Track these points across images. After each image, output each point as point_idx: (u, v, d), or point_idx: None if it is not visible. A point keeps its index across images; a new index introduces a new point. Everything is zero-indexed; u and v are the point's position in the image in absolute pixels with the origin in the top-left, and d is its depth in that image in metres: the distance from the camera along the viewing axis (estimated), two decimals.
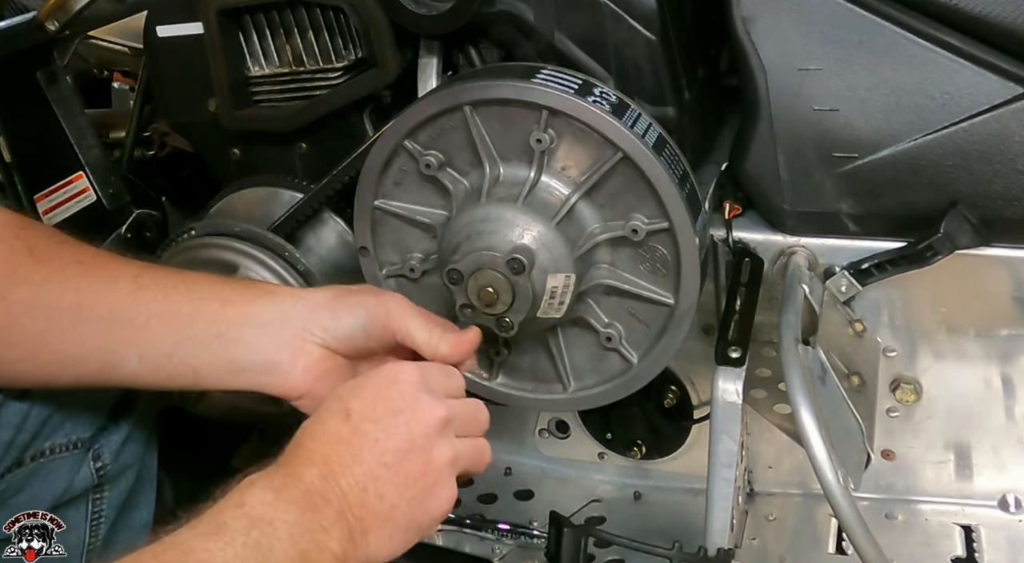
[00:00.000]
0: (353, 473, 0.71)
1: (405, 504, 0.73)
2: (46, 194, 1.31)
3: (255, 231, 1.22)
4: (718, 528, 1.03)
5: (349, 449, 0.72)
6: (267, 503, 0.67)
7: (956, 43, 1.01)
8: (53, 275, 0.86)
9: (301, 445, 0.72)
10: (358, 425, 0.73)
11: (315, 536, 0.67)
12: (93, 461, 1.06)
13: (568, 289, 1.03)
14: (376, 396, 0.75)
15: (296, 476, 0.69)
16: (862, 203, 1.09)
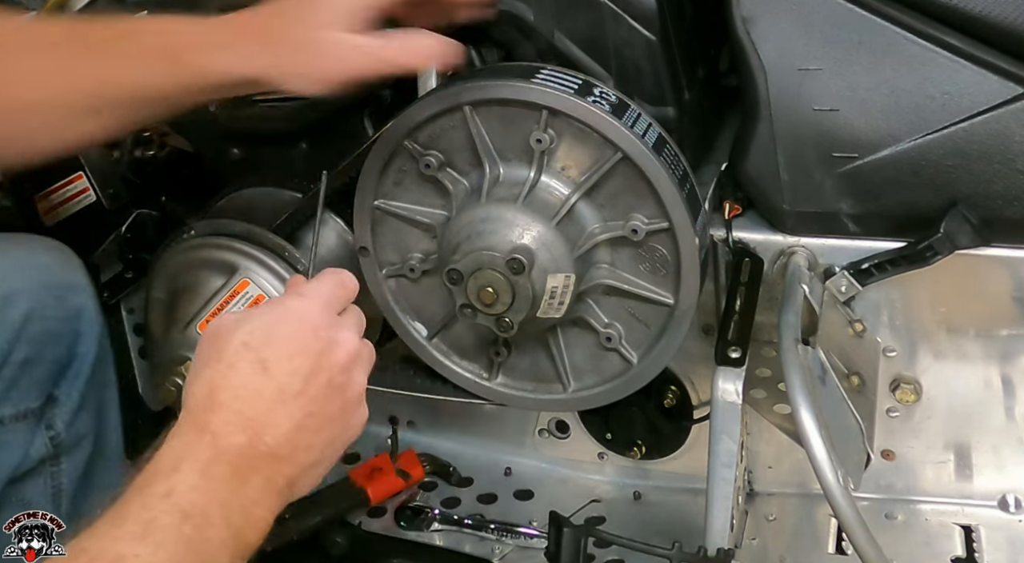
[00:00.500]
0: (280, 430, 0.69)
1: (328, 445, 0.72)
2: (46, 194, 1.31)
3: (255, 231, 1.22)
4: (718, 528, 1.03)
5: (273, 406, 0.69)
6: (196, 488, 0.64)
7: (956, 43, 1.01)
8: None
9: (222, 404, 0.68)
10: (278, 378, 0.70)
11: (247, 511, 0.66)
12: (46, 430, 1.07)
13: (568, 289, 1.03)
14: (291, 343, 0.71)
15: (223, 447, 0.66)
16: (862, 203, 1.09)
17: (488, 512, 1.36)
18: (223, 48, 0.89)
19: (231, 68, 0.89)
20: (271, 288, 1.19)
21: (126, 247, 1.40)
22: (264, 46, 0.89)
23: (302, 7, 0.89)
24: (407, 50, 0.90)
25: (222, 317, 0.75)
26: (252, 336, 0.71)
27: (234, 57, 0.88)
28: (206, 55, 0.88)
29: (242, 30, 0.89)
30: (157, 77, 0.89)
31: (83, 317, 1.11)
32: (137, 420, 1.45)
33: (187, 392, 0.71)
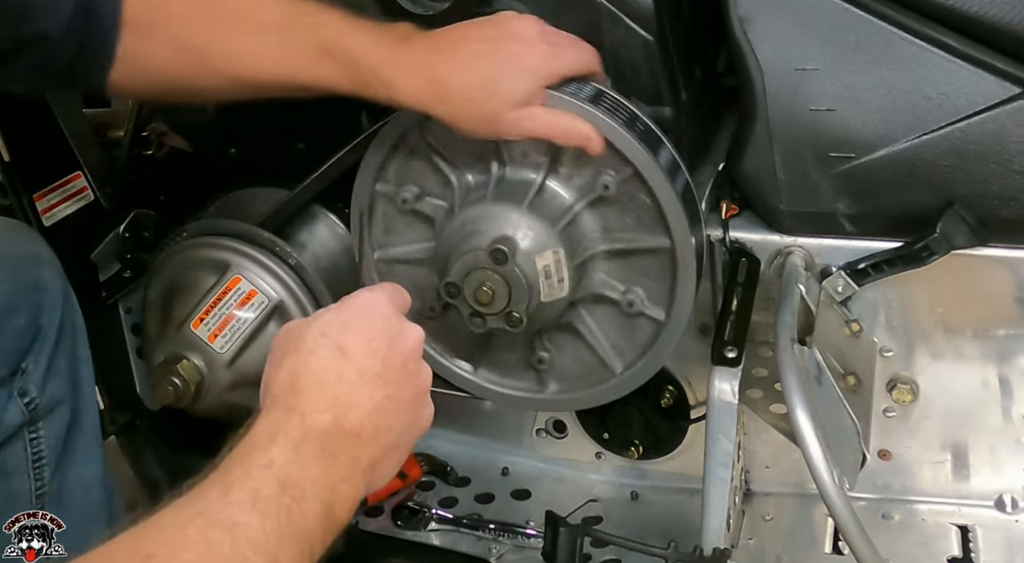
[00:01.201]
0: (363, 409, 0.71)
1: (405, 429, 0.74)
2: (45, 193, 1.31)
3: (244, 228, 1.22)
4: (714, 528, 1.03)
5: (355, 386, 0.72)
6: (292, 461, 0.66)
7: (953, 43, 1.01)
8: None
9: (306, 387, 0.71)
10: (358, 361, 0.72)
11: (336, 488, 0.67)
12: (20, 398, 1.09)
13: (561, 263, 1.03)
14: (366, 329, 0.74)
15: (311, 425, 0.68)
16: (859, 203, 1.09)
17: (485, 512, 1.36)
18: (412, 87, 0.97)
19: (412, 106, 0.99)
20: (263, 283, 1.20)
21: (124, 246, 1.40)
22: (452, 100, 0.98)
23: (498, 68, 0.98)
24: (565, 132, 1.00)
25: (293, 320, 0.78)
26: (329, 326, 0.74)
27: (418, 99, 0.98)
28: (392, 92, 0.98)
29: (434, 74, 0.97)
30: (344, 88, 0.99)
31: (45, 289, 1.12)
32: (136, 420, 1.45)
33: (268, 382, 0.73)
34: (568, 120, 1.00)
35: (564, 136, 1.00)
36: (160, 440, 1.48)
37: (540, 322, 1.08)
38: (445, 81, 0.97)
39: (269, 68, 1.00)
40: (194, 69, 1.00)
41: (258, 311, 1.19)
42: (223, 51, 0.99)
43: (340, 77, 0.98)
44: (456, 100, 0.98)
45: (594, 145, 1.00)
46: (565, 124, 1.00)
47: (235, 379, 1.19)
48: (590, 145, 1.00)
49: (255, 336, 1.19)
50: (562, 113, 1.00)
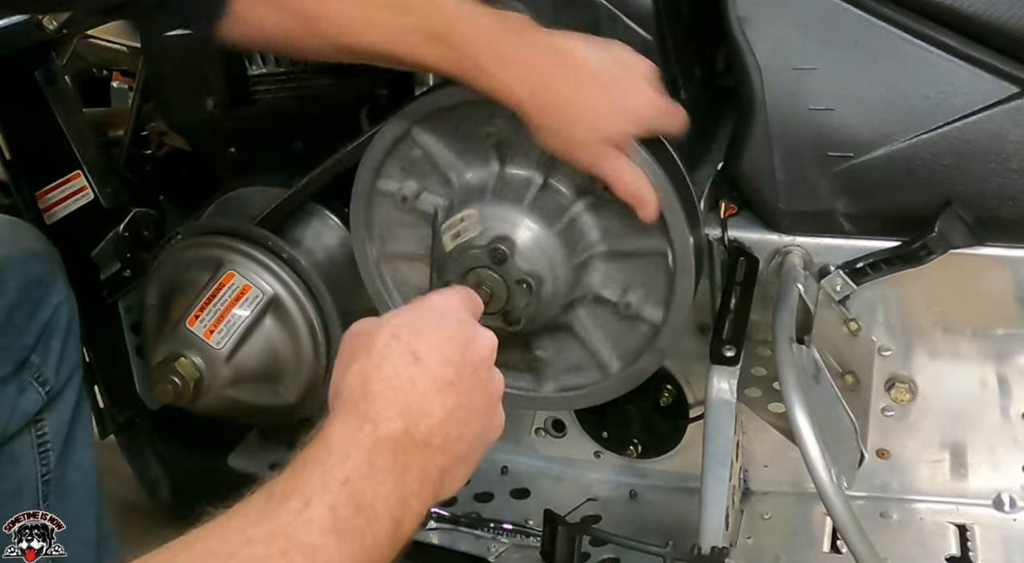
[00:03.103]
0: (434, 419, 0.69)
1: (476, 439, 0.73)
2: (44, 192, 1.31)
3: (236, 225, 1.23)
4: (712, 527, 1.03)
5: (427, 394, 0.70)
6: (366, 478, 0.65)
7: (951, 43, 1.01)
8: None
9: (378, 394, 0.69)
10: (431, 368, 0.70)
11: (406, 502, 0.66)
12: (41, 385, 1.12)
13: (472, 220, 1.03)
14: (438, 335, 0.72)
15: (383, 434, 0.67)
16: (857, 202, 1.09)
17: (484, 511, 1.36)
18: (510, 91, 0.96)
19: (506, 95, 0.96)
20: (256, 277, 1.20)
21: (124, 246, 1.41)
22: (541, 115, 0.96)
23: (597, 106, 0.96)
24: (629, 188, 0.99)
25: (363, 320, 0.76)
26: (400, 329, 0.72)
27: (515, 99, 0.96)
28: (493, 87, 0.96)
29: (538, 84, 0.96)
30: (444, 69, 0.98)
31: (50, 284, 1.14)
32: (135, 418, 1.45)
33: (338, 386, 0.71)
34: (640, 180, 0.99)
35: (627, 192, 0.99)
36: (160, 439, 1.48)
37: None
38: (550, 91, 0.96)
39: (375, 42, 0.98)
40: (301, 33, 0.99)
41: (253, 306, 1.19)
42: (332, 19, 0.98)
43: (445, 63, 0.97)
44: (551, 111, 0.96)
45: (649, 212, 0.99)
46: (635, 182, 0.98)
47: (234, 375, 1.20)
48: (646, 211, 0.99)
49: (251, 331, 1.19)
50: (637, 169, 0.98)
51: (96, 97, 1.65)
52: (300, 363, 1.23)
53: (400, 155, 1.11)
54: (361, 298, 1.22)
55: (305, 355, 1.23)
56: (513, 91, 0.96)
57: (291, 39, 1.00)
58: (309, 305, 1.21)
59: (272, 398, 1.25)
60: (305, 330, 1.21)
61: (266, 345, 1.21)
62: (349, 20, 0.98)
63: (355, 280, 1.19)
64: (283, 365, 1.22)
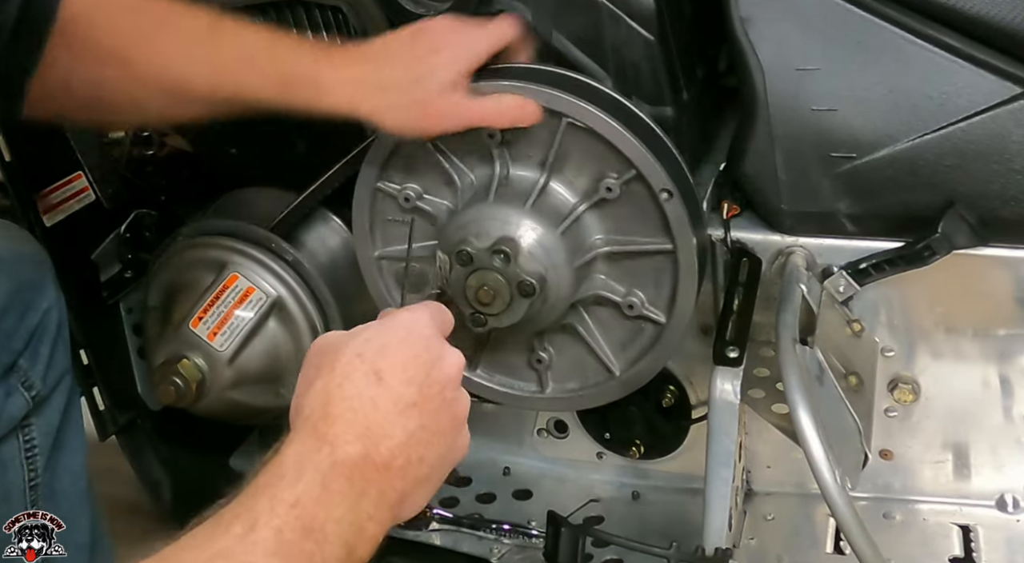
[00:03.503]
0: (395, 441, 0.68)
1: (438, 461, 0.72)
2: (45, 193, 1.31)
3: (241, 226, 1.23)
4: (716, 528, 1.03)
5: (388, 416, 0.68)
6: (318, 501, 0.64)
7: (954, 43, 1.01)
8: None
9: (338, 415, 0.68)
10: (394, 388, 0.69)
11: (360, 526, 0.66)
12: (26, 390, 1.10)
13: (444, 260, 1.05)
14: (403, 354, 0.71)
15: (340, 457, 0.66)
16: (860, 203, 1.09)
17: (487, 512, 1.36)
18: (338, 87, 0.99)
19: (339, 108, 1.00)
20: (260, 280, 1.20)
21: (125, 247, 1.40)
22: (376, 94, 0.99)
23: (417, 64, 0.99)
24: (497, 111, 1.01)
25: (329, 334, 0.75)
26: (366, 347, 0.71)
27: (344, 98, 0.99)
28: (322, 91, 0.99)
29: (358, 74, 1.00)
30: (271, 95, 1.00)
31: (40, 287, 1.13)
32: (137, 419, 1.45)
33: (299, 404, 0.71)
34: (493, 100, 1.00)
35: (495, 115, 1.01)
36: (161, 440, 1.48)
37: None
38: (367, 76, 0.99)
39: (199, 77, 0.99)
40: (124, 81, 0.99)
41: (256, 308, 1.19)
42: (152, 60, 0.98)
43: (268, 84, 0.99)
44: (379, 94, 0.99)
45: (529, 113, 1.01)
46: (492, 103, 1.00)
47: (236, 377, 1.20)
48: (526, 115, 1.01)
49: (254, 333, 1.19)
50: (490, 96, 1.01)
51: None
52: None
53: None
54: (363, 300, 1.22)
55: None
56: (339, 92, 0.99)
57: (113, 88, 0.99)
58: (312, 307, 1.21)
59: (274, 400, 1.24)
60: (308, 332, 1.21)
61: (269, 347, 1.21)
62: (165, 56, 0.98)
63: (358, 282, 1.19)
64: (285, 367, 1.22)
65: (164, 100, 1.01)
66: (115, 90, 0.99)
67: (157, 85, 0.99)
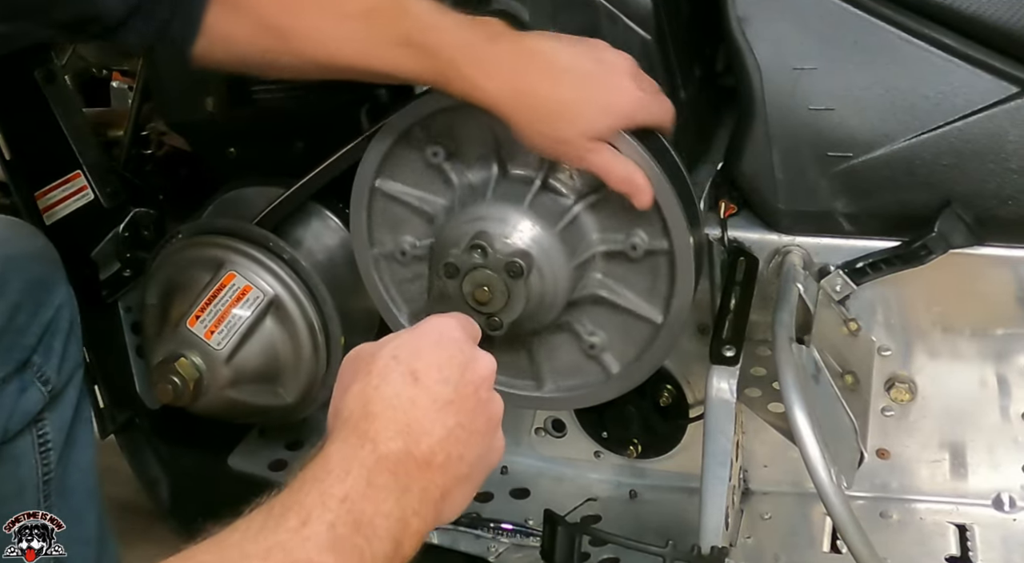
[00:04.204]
0: (435, 438, 0.69)
1: (477, 460, 0.72)
2: (44, 192, 1.31)
3: (238, 225, 1.23)
4: (712, 526, 1.03)
5: (427, 413, 0.69)
6: (366, 497, 0.65)
7: (950, 43, 1.01)
8: None
9: (378, 414, 0.68)
10: (430, 387, 0.70)
11: (407, 523, 0.66)
12: (43, 384, 1.12)
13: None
14: (437, 355, 0.72)
15: (383, 453, 0.67)
16: (857, 202, 1.09)
17: (484, 510, 1.36)
18: (495, 92, 0.97)
19: (493, 108, 0.98)
20: (257, 278, 1.20)
21: (124, 245, 1.41)
22: (532, 114, 0.97)
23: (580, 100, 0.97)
24: (621, 178, 0.99)
25: (362, 345, 0.76)
26: (400, 350, 0.72)
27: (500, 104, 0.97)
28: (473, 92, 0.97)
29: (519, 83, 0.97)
30: (427, 80, 1.00)
31: (52, 284, 1.14)
32: (135, 418, 1.45)
33: (337, 407, 0.71)
34: (629, 168, 0.99)
35: (619, 182, 0.99)
36: (159, 439, 1.48)
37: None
38: (529, 91, 0.96)
39: (350, 54, 0.99)
40: (276, 48, 1.00)
41: (253, 306, 1.19)
42: (305, 34, 0.99)
43: (421, 69, 0.98)
44: (532, 112, 0.97)
45: (644, 199, 1.00)
46: (625, 173, 0.99)
47: (234, 375, 1.20)
48: (640, 198, 1.00)
49: (252, 331, 1.19)
50: (627, 161, 0.99)
51: (96, 97, 1.65)
52: (300, 364, 1.23)
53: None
54: (361, 299, 1.22)
55: (305, 356, 1.23)
56: (492, 94, 0.96)
57: (266, 57, 1.00)
58: (309, 306, 1.21)
59: (272, 398, 1.25)
60: (305, 331, 1.22)
61: (266, 346, 1.21)
62: (322, 33, 0.99)
63: (355, 281, 1.19)
64: (283, 366, 1.22)
65: (315, 70, 1.02)
66: (270, 58, 1.01)
67: (309, 59, 1.00)
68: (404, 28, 0.97)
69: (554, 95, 0.96)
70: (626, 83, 0.98)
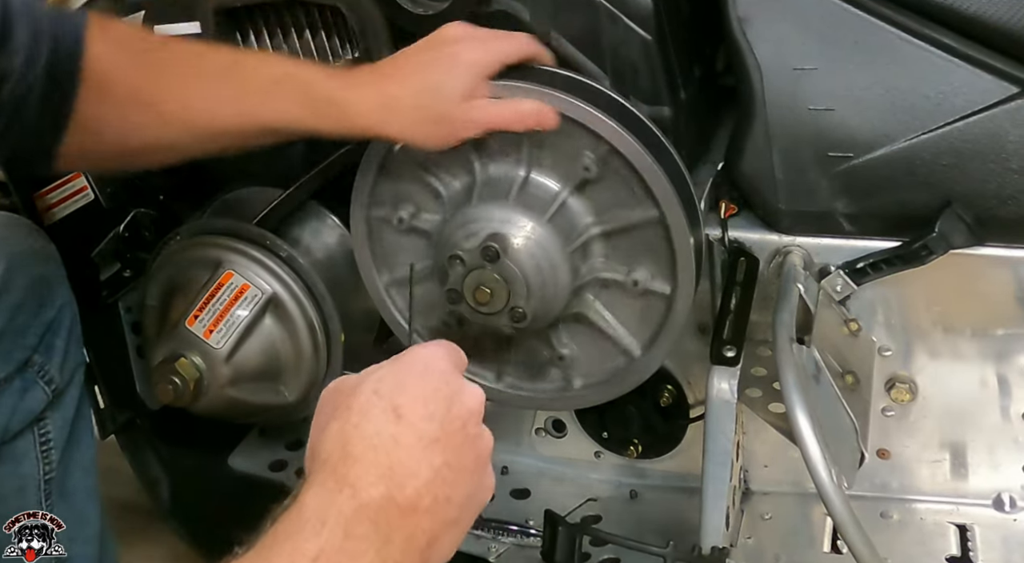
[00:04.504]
0: (420, 480, 0.65)
1: (466, 501, 0.68)
2: (44, 192, 1.31)
3: (233, 224, 1.23)
4: (712, 527, 1.03)
5: (411, 453, 0.65)
6: (342, 551, 0.61)
7: (951, 43, 1.01)
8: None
9: (359, 456, 0.64)
10: (415, 424, 0.66)
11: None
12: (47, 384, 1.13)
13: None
14: (422, 389, 0.68)
15: (363, 501, 0.63)
16: (857, 202, 1.09)
17: (484, 511, 1.34)
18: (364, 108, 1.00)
19: (369, 129, 1.01)
20: (255, 276, 1.20)
21: (124, 246, 1.40)
22: (402, 113, 1.00)
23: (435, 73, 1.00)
24: (517, 116, 1.01)
25: (342, 377, 0.72)
26: (381, 384, 0.68)
27: (373, 119, 1.00)
28: (347, 115, 1.00)
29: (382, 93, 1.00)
30: (300, 122, 1.01)
31: (53, 283, 1.15)
32: (136, 418, 1.45)
33: (315, 448, 0.67)
34: (513, 104, 1.01)
35: (515, 120, 1.01)
36: (160, 439, 1.48)
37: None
38: (393, 93, 0.99)
39: (225, 111, 1.00)
40: (151, 124, 0.99)
41: (252, 305, 1.19)
42: (178, 99, 0.99)
43: (296, 107, 0.99)
44: (406, 111, 0.99)
45: (547, 118, 1.01)
46: (512, 108, 1.00)
47: (234, 374, 1.20)
48: (544, 120, 1.01)
49: (251, 330, 1.19)
50: (507, 100, 1.01)
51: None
52: (300, 362, 1.23)
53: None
54: (360, 297, 1.22)
55: (305, 354, 1.23)
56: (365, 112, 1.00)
57: (146, 135, 1.00)
58: (308, 304, 1.21)
59: (273, 397, 1.25)
60: (305, 329, 1.22)
61: (266, 344, 1.21)
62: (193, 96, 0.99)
63: (354, 279, 1.20)
64: (283, 364, 1.22)
65: (192, 139, 1.01)
66: (144, 134, 1.00)
67: (184, 125, 1.00)
68: (269, 72, 1.00)
69: (412, 86, 0.99)
70: (464, 42, 1.01)
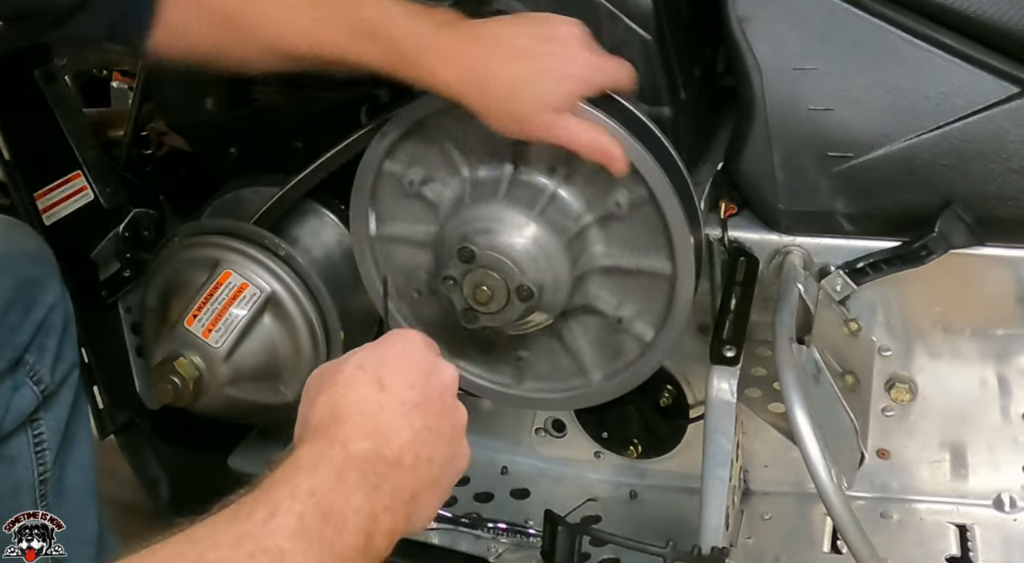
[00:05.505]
0: (404, 439, 0.70)
1: (446, 464, 0.73)
2: (44, 192, 1.31)
3: (231, 224, 1.23)
4: (712, 527, 1.03)
5: (395, 417, 0.70)
6: (335, 489, 0.65)
7: (951, 43, 1.01)
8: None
9: (346, 418, 0.69)
10: (397, 392, 0.71)
11: (378, 518, 0.67)
12: (35, 384, 1.12)
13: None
14: (403, 362, 0.74)
15: (352, 453, 0.67)
16: (857, 203, 1.09)
17: (484, 511, 1.36)
18: (449, 75, 0.98)
19: (448, 93, 0.99)
20: (253, 275, 1.20)
21: (124, 246, 1.41)
22: (487, 93, 0.98)
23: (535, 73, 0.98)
24: (591, 146, 0.99)
25: (328, 363, 0.77)
26: (365, 360, 0.73)
27: (454, 87, 0.98)
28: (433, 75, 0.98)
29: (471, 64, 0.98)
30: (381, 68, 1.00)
31: (44, 284, 1.14)
32: (135, 418, 1.45)
33: (305, 418, 0.72)
34: (597, 135, 0.99)
35: (589, 150, 0.99)
36: (159, 439, 1.48)
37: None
38: (484, 73, 0.97)
39: (306, 42, 1.00)
40: (229, 39, 1.01)
41: (250, 303, 1.19)
42: (257, 22, 1.00)
43: (378, 58, 0.99)
44: (492, 94, 0.98)
45: (618, 166, 1.00)
46: (593, 138, 0.99)
47: (233, 373, 1.20)
48: (613, 165, 1.00)
49: (250, 329, 1.19)
50: (593, 126, 0.99)
51: (96, 97, 1.65)
52: (300, 360, 1.23)
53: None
54: (359, 295, 1.22)
55: (304, 352, 1.23)
56: (452, 83, 0.98)
57: (225, 48, 1.01)
58: (307, 302, 1.21)
59: (272, 396, 1.25)
60: (304, 327, 1.21)
61: (265, 343, 1.21)
62: (274, 21, 1.00)
63: (353, 277, 1.20)
64: (283, 363, 1.22)
65: (275, 61, 1.03)
66: (228, 48, 1.02)
67: (267, 48, 1.01)
68: (358, 16, 0.98)
69: (510, 74, 0.97)
70: (577, 50, 1.00)
